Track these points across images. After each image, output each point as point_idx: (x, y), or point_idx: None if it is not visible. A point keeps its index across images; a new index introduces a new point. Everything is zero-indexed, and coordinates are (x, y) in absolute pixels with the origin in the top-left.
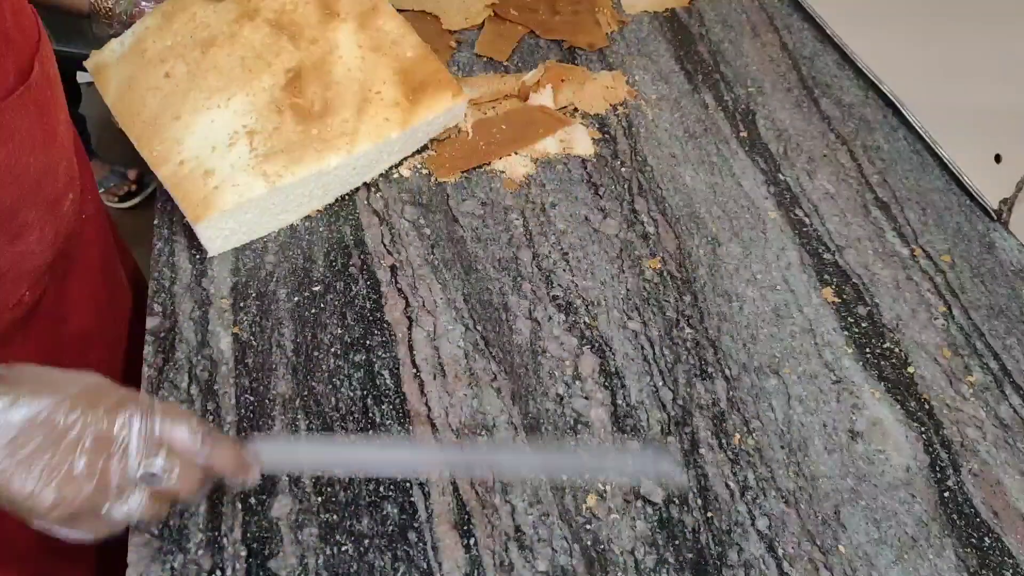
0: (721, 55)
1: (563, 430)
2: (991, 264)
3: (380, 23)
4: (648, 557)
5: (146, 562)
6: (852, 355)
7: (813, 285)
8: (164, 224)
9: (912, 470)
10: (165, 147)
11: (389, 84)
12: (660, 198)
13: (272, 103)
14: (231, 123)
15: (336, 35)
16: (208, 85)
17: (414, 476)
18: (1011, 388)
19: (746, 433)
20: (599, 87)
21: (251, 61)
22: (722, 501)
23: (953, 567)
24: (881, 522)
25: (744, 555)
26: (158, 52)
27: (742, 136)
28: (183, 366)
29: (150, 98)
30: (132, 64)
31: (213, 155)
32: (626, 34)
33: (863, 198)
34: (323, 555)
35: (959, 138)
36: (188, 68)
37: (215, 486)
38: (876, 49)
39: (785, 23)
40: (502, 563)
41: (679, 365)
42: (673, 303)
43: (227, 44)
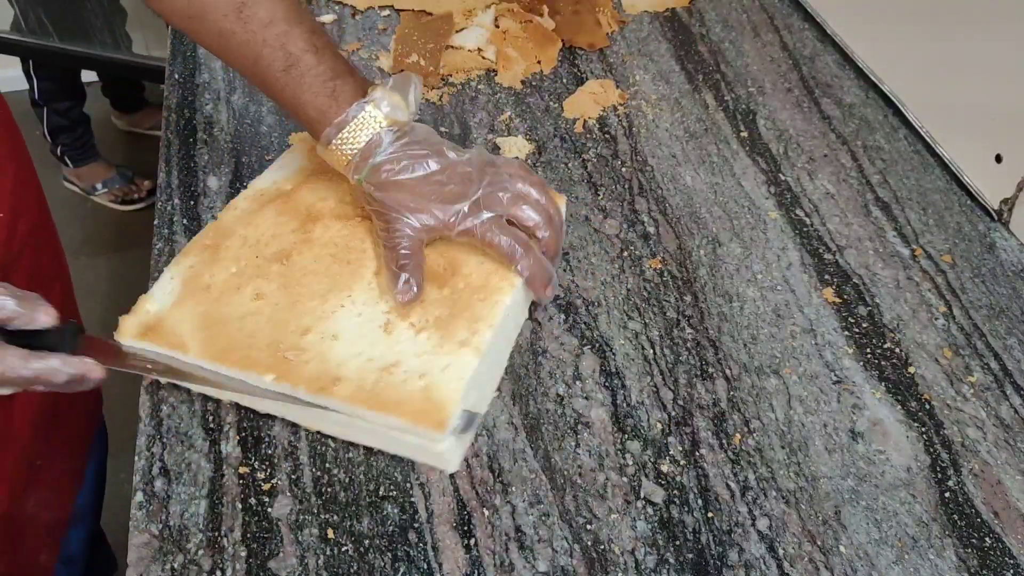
0: (721, 55)
1: (563, 430)
2: (992, 264)
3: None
4: (648, 557)
5: (146, 562)
6: (853, 355)
7: (814, 285)
8: (164, 224)
9: (913, 470)
10: (317, 366)
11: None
12: (660, 198)
13: (389, 315)
14: (373, 314)
15: None
16: (315, 290)
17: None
18: (1012, 388)
19: (747, 433)
20: (586, 93)
21: (343, 254)
22: (723, 501)
23: (954, 567)
24: (882, 522)
25: (745, 555)
26: (226, 281)
27: (742, 136)
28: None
29: (250, 324)
30: (199, 302)
31: (386, 350)
32: (626, 34)
33: (864, 198)
34: (323, 555)
35: (960, 138)
36: (278, 283)
37: (215, 486)
38: (877, 49)
39: (786, 23)
40: (502, 563)
41: (679, 365)
42: (673, 303)
43: (306, 249)
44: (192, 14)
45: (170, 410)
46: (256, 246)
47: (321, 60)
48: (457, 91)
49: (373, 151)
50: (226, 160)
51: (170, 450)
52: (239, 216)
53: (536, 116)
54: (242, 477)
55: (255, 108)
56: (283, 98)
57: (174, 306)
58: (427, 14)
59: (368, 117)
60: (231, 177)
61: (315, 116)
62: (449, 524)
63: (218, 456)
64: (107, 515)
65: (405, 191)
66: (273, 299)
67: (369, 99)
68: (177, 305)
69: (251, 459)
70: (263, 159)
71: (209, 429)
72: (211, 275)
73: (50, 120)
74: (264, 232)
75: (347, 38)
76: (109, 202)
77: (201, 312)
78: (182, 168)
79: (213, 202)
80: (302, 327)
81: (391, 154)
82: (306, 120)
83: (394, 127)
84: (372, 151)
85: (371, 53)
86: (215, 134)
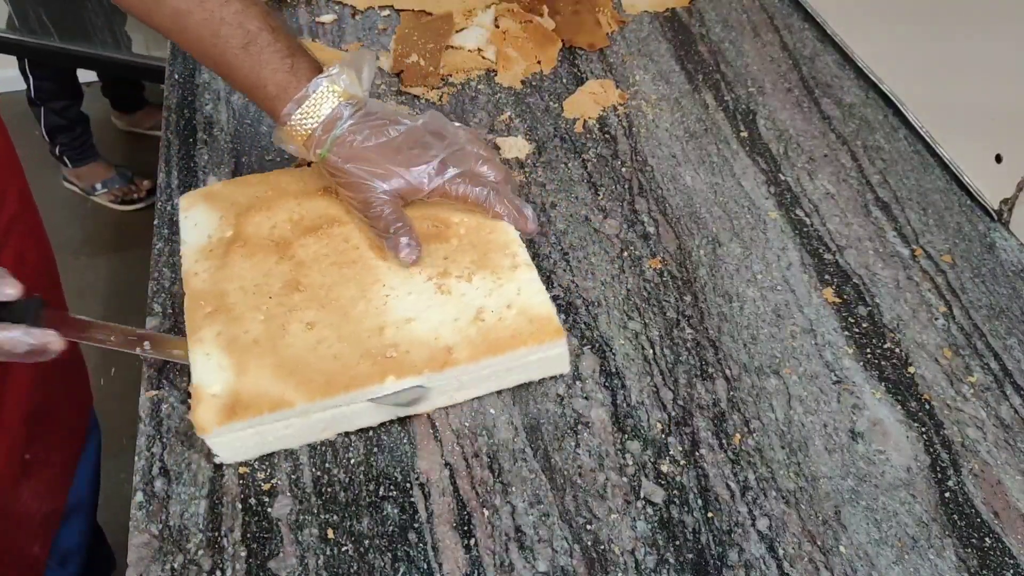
0: (721, 55)
1: (563, 430)
2: (992, 264)
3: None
4: (648, 557)
5: (146, 562)
6: (852, 355)
7: (813, 285)
8: (164, 224)
9: (913, 470)
10: (420, 349)
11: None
12: (660, 198)
13: (433, 280)
14: (418, 287)
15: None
16: (351, 296)
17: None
18: (1012, 388)
19: (746, 433)
20: (586, 93)
21: (340, 256)
22: (722, 501)
23: (954, 567)
24: (882, 522)
25: (745, 555)
26: (266, 329)
27: (742, 136)
28: (183, 366)
29: (326, 350)
30: (260, 356)
31: (460, 306)
32: (626, 34)
33: (864, 198)
34: (323, 555)
35: (960, 138)
36: (314, 308)
37: (215, 487)
38: (877, 49)
39: (786, 23)
40: (502, 563)
41: (679, 365)
42: (673, 303)
43: (307, 271)
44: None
45: (170, 410)
46: (260, 290)
47: (278, 38)
48: (457, 91)
49: (335, 124)
50: (226, 160)
51: (170, 450)
52: (212, 276)
53: (536, 116)
54: (242, 477)
55: (255, 108)
56: (241, 75)
57: (238, 374)
58: (427, 14)
59: (327, 91)
60: (231, 177)
61: (274, 92)
62: (449, 524)
63: None
64: (107, 515)
65: (371, 159)
66: (324, 322)
67: (327, 74)
68: (240, 372)
69: (251, 459)
70: (263, 159)
71: None
72: (246, 331)
73: (47, 119)
74: (253, 276)
75: (347, 38)
76: (109, 202)
77: (271, 364)
78: (182, 168)
79: None
80: (375, 328)
81: (352, 125)
82: (265, 97)
83: (352, 100)
84: (334, 124)
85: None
86: (215, 134)
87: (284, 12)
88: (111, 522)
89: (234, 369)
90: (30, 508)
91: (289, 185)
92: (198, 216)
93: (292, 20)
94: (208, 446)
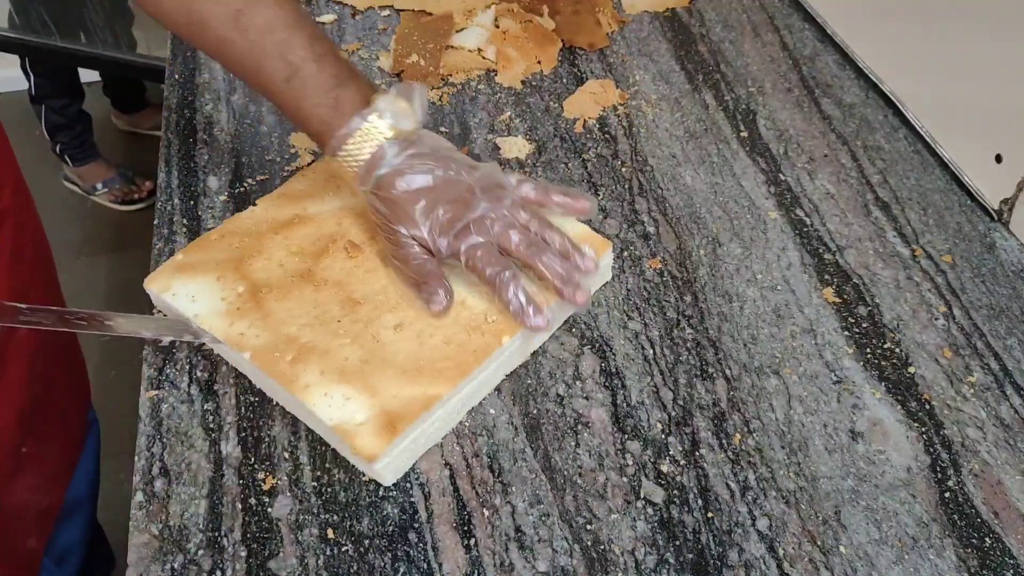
0: (721, 55)
1: (563, 430)
2: (992, 264)
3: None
4: (648, 557)
5: (146, 562)
6: (852, 355)
7: (814, 285)
8: (164, 224)
9: (913, 470)
10: (507, 317)
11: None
12: (660, 198)
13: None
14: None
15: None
16: (410, 298)
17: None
18: (1012, 388)
19: (747, 433)
20: (586, 93)
21: (369, 276)
22: (723, 501)
23: (954, 567)
24: (882, 522)
25: (745, 555)
26: (373, 352)
27: (743, 136)
28: (183, 366)
29: (441, 337)
30: (390, 380)
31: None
32: (626, 34)
33: (864, 198)
34: (323, 555)
35: (960, 138)
36: (391, 314)
37: (215, 486)
38: (877, 49)
39: (786, 23)
40: (502, 563)
41: (679, 365)
42: (673, 303)
43: (353, 283)
44: (191, 21)
45: (170, 410)
46: (324, 319)
47: (323, 68)
48: (457, 91)
49: (378, 163)
50: (226, 160)
51: (170, 450)
52: (264, 329)
53: (536, 116)
54: (242, 477)
55: (255, 108)
56: (287, 109)
57: (371, 396)
58: (427, 14)
59: (371, 128)
60: (231, 177)
61: (318, 128)
62: (449, 524)
63: (218, 456)
64: (107, 515)
65: (406, 204)
66: (408, 319)
67: (372, 110)
68: (371, 393)
69: (251, 459)
70: (263, 159)
71: (209, 429)
72: (345, 358)
73: (47, 118)
74: (306, 311)
75: (347, 38)
76: (109, 202)
77: (394, 374)
78: (182, 168)
79: (213, 202)
80: (458, 304)
81: (395, 166)
82: (310, 132)
83: (398, 138)
84: (377, 163)
85: (371, 53)
86: (215, 134)
87: None
88: (111, 522)
89: (363, 394)
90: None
91: (250, 226)
92: (186, 289)
93: None
94: (373, 476)
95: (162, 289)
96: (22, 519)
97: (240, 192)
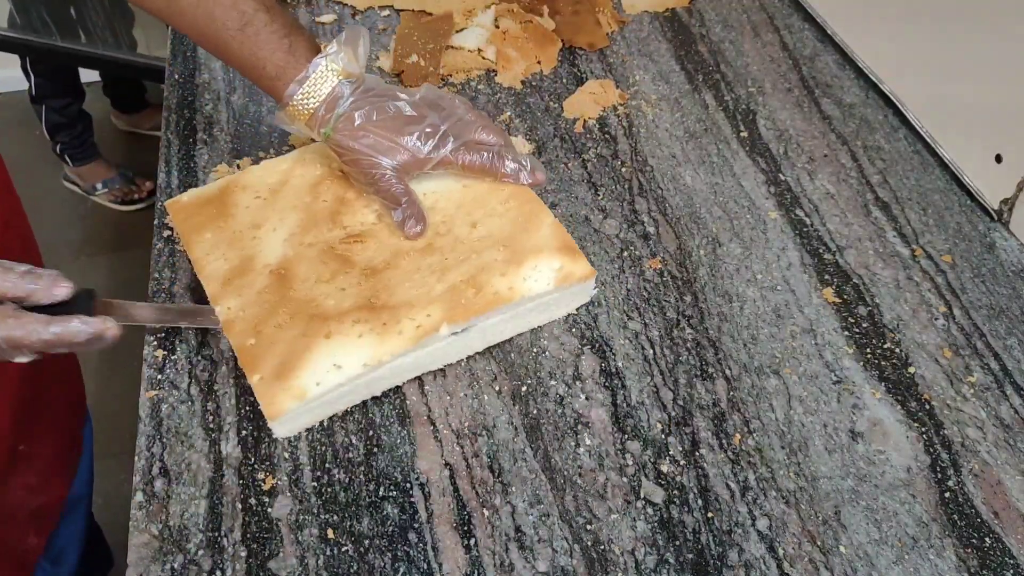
0: (721, 55)
1: (563, 430)
2: (992, 264)
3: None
4: (648, 557)
5: (146, 562)
6: (852, 355)
7: (814, 285)
8: (164, 224)
9: (913, 470)
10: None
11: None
12: (660, 198)
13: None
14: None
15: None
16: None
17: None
18: (1012, 388)
19: (747, 433)
20: (586, 93)
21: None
22: (722, 501)
23: (954, 567)
24: (882, 522)
25: (745, 555)
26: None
27: (742, 136)
28: (183, 366)
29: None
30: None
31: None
32: (626, 34)
33: (864, 198)
34: (323, 555)
35: (959, 138)
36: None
37: (215, 486)
38: (876, 49)
39: (786, 23)
40: (502, 563)
41: (679, 365)
42: (673, 303)
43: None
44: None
45: (170, 410)
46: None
47: (274, 18)
48: (457, 91)
49: (336, 103)
50: (226, 160)
51: (170, 450)
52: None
53: (536, 116)
54: (242, 477)
55: (255, 108)
56: (240, 57)
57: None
58: (427, 14)
59: (327, 70)
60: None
61: (273, 72)
62: (449, 524)
63: (218, 456)
64: (107, 515)
65: (375, 134)
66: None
67: (325, 54)
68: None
69: (251, 459)
70: (263, 159)
71: (209, 429)
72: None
73: (48, 118)
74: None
75: None
76: (109, 202)
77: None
78: (182, 168)
79: None
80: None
81: (354, 103)
82: (264, 77)
83: (351, 78)
84: (335, 103)
85: (371, 53)
86: (215, 134)
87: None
88: (111, 522)
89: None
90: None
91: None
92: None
93: None
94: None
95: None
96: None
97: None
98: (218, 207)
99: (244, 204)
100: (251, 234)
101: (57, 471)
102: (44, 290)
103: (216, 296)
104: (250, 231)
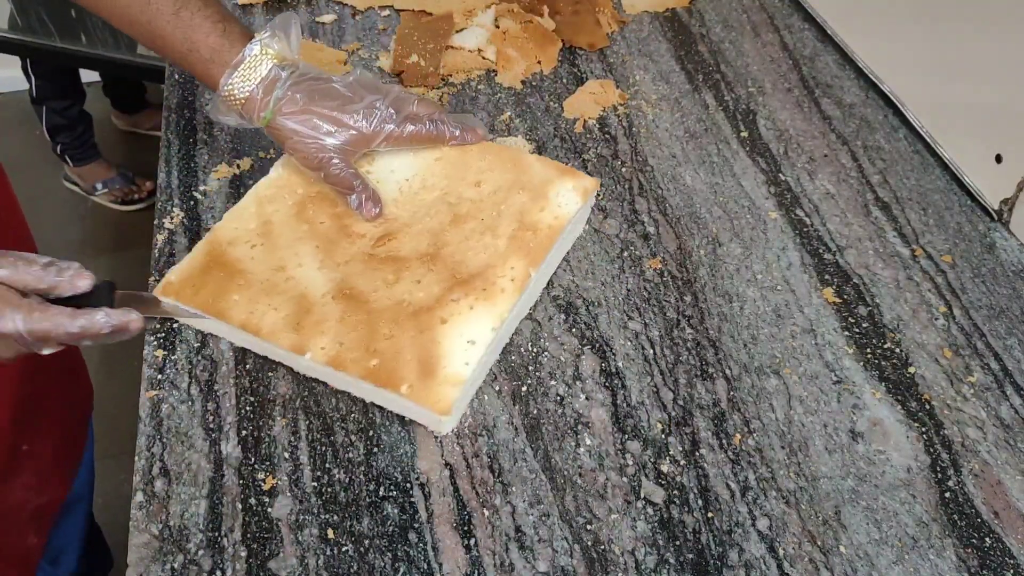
0: (721, 55)
1: (563, 430)
2: (992, 264)
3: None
4: (649, 557)
5: (146, 562)
6: (853, 355)
7: (814, 285)
8: (164, 224)
9: (913, 470)
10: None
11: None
12: (660, 198)
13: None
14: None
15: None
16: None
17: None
18: (1012, 388)
19: (747, 433)
20: (586, 93)
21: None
22: (723, 501)
23: (954, 567)
24: (882, 522)
25: (745, 555)
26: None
27: (743, 136)
28: (183, 366)
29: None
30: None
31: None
32: (626, 34)
33: (864, 198)
34: (323, 555)
35: (959, 138)
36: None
37: (215, 486)
38: (876, 49)
39: (786, 23)
40: (502, 563)
41: (680, 365)
42: (674, 303)
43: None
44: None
45: (170, 410)
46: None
47: (208, 4)
48: (457, 91)
49: (274, 86)
50: (226, 160)
51: (170, 450)
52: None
53: (536, 116)
54: (242, 477)
55: None
56: (174, 41)
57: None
58: (427, 14)
59: (262, 55)
60: (231, 177)
61: (208, 55)
62: (449, 524)
63: (218, 456)
64: (107, 515)
65: (317, 115)
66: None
67: (259, 39)
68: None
69: (251, 459)
70: (263, 159)
71: (209, 429)
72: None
73: (48, 119)
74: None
75: (347, 38)
76: (109, 202)
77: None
78: (182, 168)
79: (213, 202)
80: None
81: (292, 85)
82: (198, 61)
83: (285, 63)
84: (273, 86)
85: (371, 53)
86: (215, 134)
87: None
88: (111, 522)
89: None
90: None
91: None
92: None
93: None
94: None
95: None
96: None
97: (240, 192)
98: (223, 270)
99: (247, 256)
100: (282, 276)
101: (57, 471)
102: (67, 282)
103: (298, 346)
104: (278, 274)
